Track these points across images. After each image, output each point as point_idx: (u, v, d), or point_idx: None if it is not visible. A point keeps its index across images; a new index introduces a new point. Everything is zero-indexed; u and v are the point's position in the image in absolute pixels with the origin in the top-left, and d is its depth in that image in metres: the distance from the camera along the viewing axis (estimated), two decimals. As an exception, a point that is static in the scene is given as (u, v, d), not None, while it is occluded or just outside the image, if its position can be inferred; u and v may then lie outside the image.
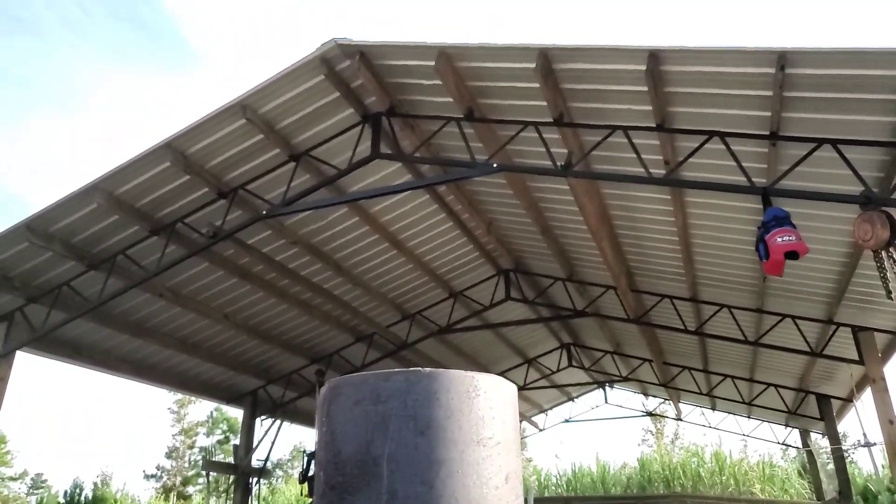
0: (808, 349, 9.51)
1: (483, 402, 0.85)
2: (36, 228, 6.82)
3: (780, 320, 9.39)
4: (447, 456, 0.80)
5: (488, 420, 0.84)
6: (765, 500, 19.91)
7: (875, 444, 10.03)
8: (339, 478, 0.81)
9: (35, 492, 43.36)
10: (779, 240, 5.08)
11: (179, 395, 42.43)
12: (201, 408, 52.01)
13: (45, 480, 45.59)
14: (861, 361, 8.75)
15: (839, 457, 12.41)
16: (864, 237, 4.95)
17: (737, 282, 8.94)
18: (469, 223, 9.26)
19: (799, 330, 9.24)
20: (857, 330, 8.78)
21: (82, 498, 37.90)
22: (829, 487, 13.72)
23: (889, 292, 5.05)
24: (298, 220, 8.25)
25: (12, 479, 39.97)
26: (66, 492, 41.82)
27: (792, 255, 5.06)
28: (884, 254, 4.93)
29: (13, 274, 7.38)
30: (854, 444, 11.79)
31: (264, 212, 7.04)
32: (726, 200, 6.89)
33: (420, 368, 0.85)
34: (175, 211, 7.33)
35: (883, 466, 12.37)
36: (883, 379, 8.49)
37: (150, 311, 8.94)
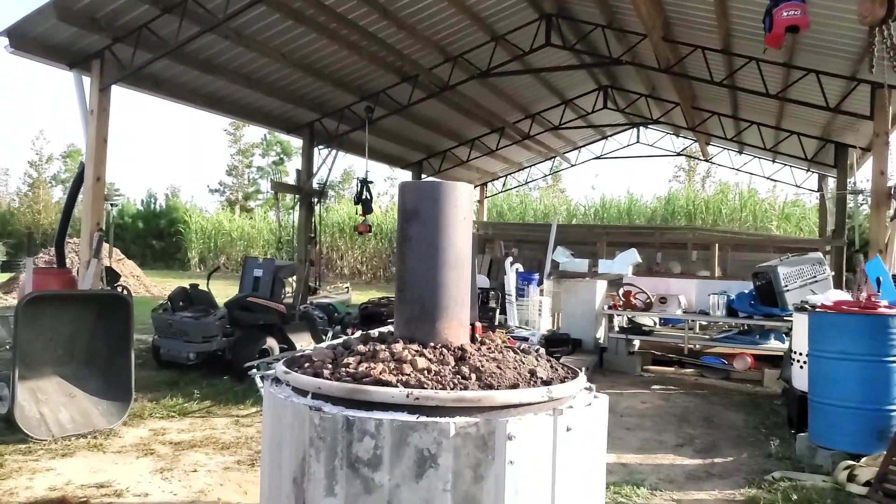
0: (824, 104, 10.08)
1: (458, 190, 2.00)
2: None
3: (805, 75, 9.88)
4: (442, 210, 1.97)
5: (459, 199, 1.99)
6: (758, 234, 21.63)
7: (862, 191, 11.08)
8: (404, 215, 1.99)
9: (114, 198, 48.47)
10: (784, 14, 5.58)
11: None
12: (256, 130, 54.67)
13: (118, 190, 50.58)
14: (871, 117, 9.43)
15: (840, 199, 13.64)
16: (864, 13, 5.42)
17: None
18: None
19: (820, 85, 9.76)
20: (875, 87, 9.29)
21: (156, 207, 42.49)
22: (830, 229, 15.17)
23: (872, 67, 5.65)
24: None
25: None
26: (141, 200, 46.42)
27: (793, 28, 5.61)
28: (877, 32, 5.43)
29: (98, 16, 8.27)
30: (849, 190, 12.90)
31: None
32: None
33: (434, 180, 1.97)
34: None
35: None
36: (886, 133, 9.25)
37: (217, 49, 9.87)
